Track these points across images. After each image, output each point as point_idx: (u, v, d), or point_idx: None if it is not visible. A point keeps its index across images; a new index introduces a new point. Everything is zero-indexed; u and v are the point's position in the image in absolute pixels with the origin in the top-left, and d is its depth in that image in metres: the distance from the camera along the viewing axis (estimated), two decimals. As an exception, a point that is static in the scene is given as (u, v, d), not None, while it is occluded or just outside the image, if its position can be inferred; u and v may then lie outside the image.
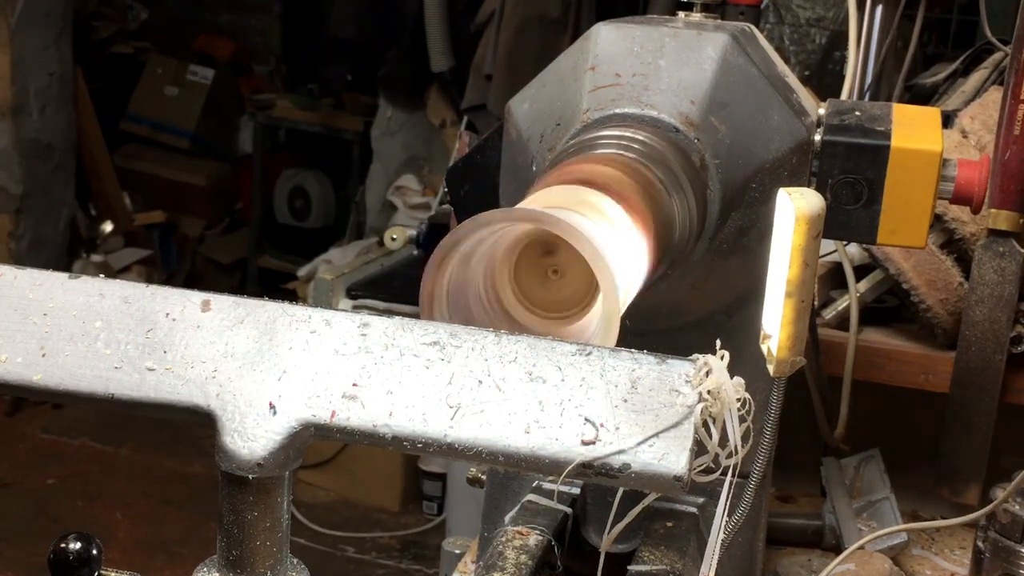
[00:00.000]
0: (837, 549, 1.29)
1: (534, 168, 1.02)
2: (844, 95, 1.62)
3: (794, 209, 0.80)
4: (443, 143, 4.42)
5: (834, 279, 1.55)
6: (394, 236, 4.21)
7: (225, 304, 0.62)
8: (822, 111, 1.05)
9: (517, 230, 0.74)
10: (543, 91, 1.06)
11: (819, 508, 1.39)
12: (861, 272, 1.52)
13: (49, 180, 4.55)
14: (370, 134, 4.82)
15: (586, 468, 0.57)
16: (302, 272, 4.25)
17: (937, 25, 2.55)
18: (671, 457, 0.56)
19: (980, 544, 1.17)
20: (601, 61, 1.01)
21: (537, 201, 0.74)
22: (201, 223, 5.45)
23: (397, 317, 0.61)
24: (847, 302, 1.49)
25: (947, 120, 1.52)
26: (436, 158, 4.55)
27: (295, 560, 0.64)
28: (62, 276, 0.65)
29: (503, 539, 1.03)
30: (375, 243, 4.34)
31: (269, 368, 0.60)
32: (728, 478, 0.62)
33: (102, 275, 0.70)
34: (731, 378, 0.58)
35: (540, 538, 1.03)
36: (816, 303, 1.50)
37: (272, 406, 0.59)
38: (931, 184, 1.02)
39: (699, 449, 0.57)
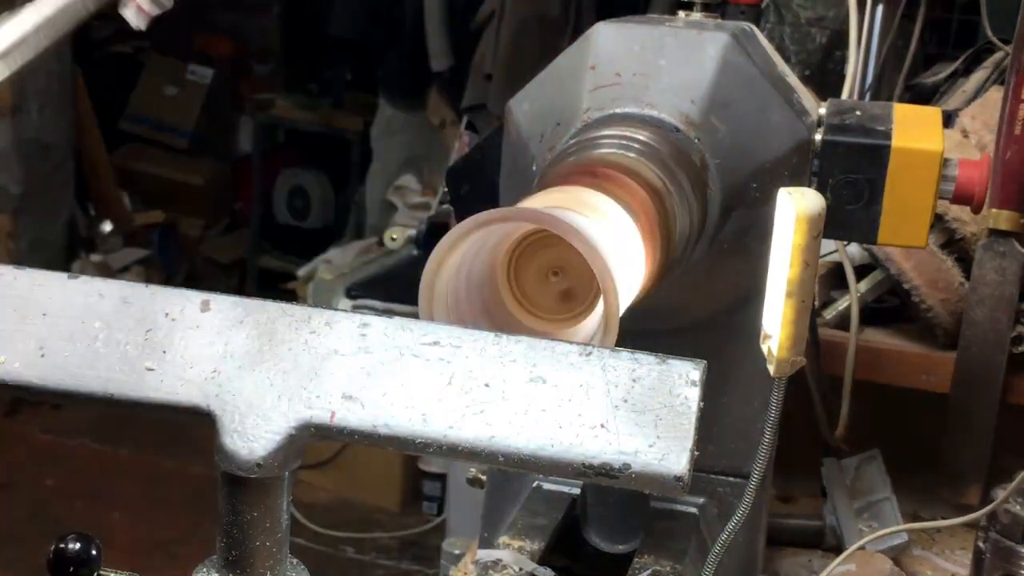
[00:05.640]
0: (837, 549, 1.29)
1: (534, 168, 1.02)
2: (844, 95, 1.62)
3: (794, 209, 0.80)
4: (443, 143, 4.42)
5: (834, 279, 1.55)
6: (394, 236, 4.21)
7: (225, 304, 0.62)
8: (822, 111, 1.05)
9: (517, 230, 0.74)
10: (543, 91, 1.06)
11: (819, 508, 1.39)
12: (861, 272, 1.52)
13: (48, 180, 4.55)
14: (370, 134, 4.81)
15: (586, 468, 0.57)
16: (302, 272, 4.25)
17: (937, 25, 2.54)
18: (671, 457, 0.56)
19: (981, 544, 1.17)
20: (601, 61, 1.01)
21: (537, 201, 0.74)
22: (200, 223, 5.45)
23: (397, 317, 0.61)
24: (847, 302, 1.49)
25: (948, 120, 1.52)
26: (436, 158, 4.55)
27: (295, 560, 0.64)
28: (62, 276, 0.64)
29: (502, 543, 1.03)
30: (375, 243, 4.34)
31: (269, 368, 0.60)
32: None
33: (102, 275, 0.70)
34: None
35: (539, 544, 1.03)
36: (816, 303, 1.50)
37: (272, 406, 0.59)
38: (932, 184, 1.02)
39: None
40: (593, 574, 1.08)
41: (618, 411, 0.57)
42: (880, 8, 2.11)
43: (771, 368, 0.84)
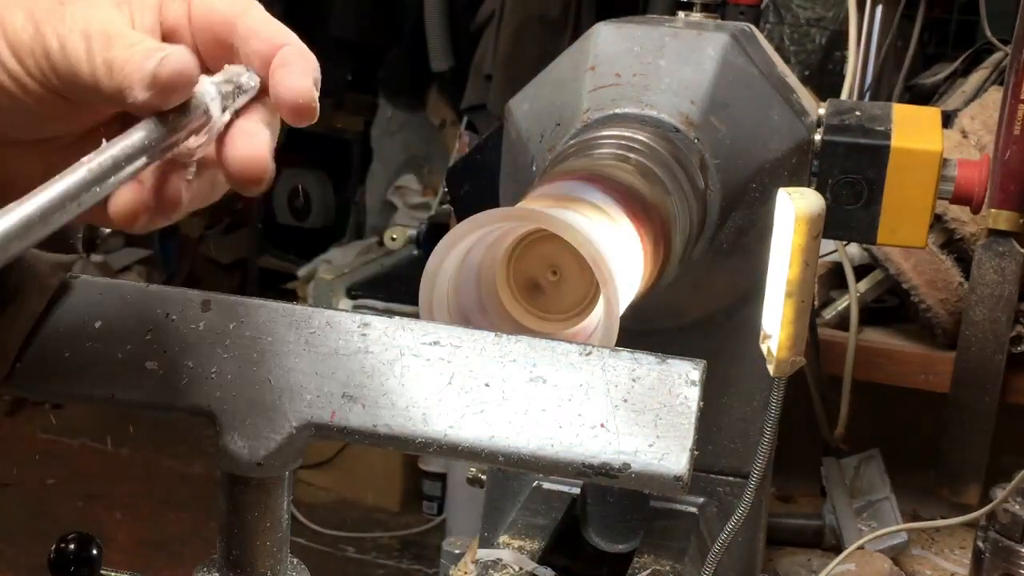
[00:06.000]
0: (837, 549, 1.29)
1: (534, 168, 1.02)
2: (844, 95, 1.62)
3: (794, 209, 0.80)
4: (443, 143, 4.42)
5: (834, 279, 1.55)
6: (394, 236, 4.21)
7: (225, 304, 0.62)
8: (822, 111, 1.05)
9: (517, 230, 0.74)
10: (543, 91, 1.06)
11: (819, 508, 1.39)
12: (861, 272, 1.52)
13: (49, 180, 4.54)
14: (370, 134, 4.81)
15: (586, 468, 0.57)
16: (302, 272, 4.25)
17: (937, 25, 2.54)
18: (671, 457, 0.56)
19: (980, 544, 1.17)
20: (601, 61, 1.01)
21: (537, 201, 0.74)
22: (201, 223, 5.45)
23: (397, 317, 0.61)
24: (847, 302, 1.49)
25: (947, 120, 1.52)
26: (436, 158, 4.55)
27: (295, 560, 0.64)
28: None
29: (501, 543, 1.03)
30: (375, 243, 4.33)
31: (269, 368, 0.60)
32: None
33: (102, 275, 0.70)
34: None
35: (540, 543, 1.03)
36: (816, 303, 1.50)
37: (272, 406, 0.59)
38: (931, 184, 1.02)
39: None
40: (593, 574, 1.08)
41: (618, 411, 0.57)
42: (880, 8, 2.11)
43: (771, 368, 0.84)
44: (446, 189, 1.99)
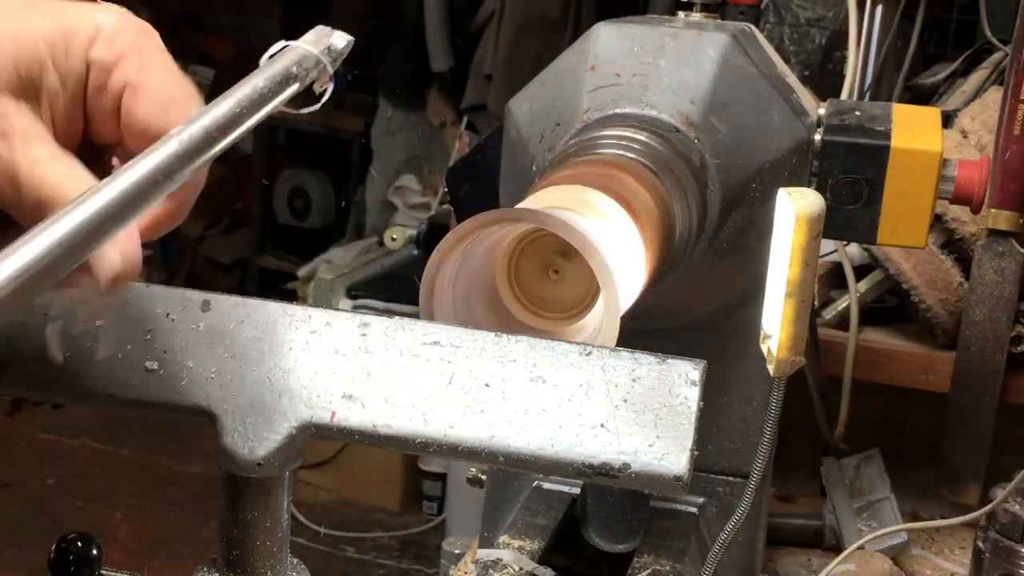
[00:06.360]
0: (837, 549, 1.29)
1: (534, 168, 1.02)
2: (844, 95, 1.62)
3: (794, 209, 0.80)
4: (443, 143, 4.42)
5: (834, 279, 1.55)
6: (394, 236, 4.21)
7: (225, 304, 0.62)
8: (822, 111, 1.05)
9: (517, 230, 0.74)
10: (543, 91, 1.06)
11: (819, 508, 1.39)
12: (861, 272, 1.52)
13: (49, 180, 4.53)
14: (370, 134, 4.81)
15: (586, 468, 0.57)
16: (302, 272, 4.25)
17: (937, 25, 2.54)
18: (671, 457, 0.56)
19: (980, 544, 1.17)
20: (601, 61, 1.01)
21: (537, 201, 0.75)
22: (201, 223, 5.45)
23: (397, 317, 0.61)
24: (847, 302, 1.49)
25: (947, 120, 1.52)
26: (436, 158, 4.55)
27: (295, 560, 0.64)
28: (62, 276, 0.64)
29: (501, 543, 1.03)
30: (375, 243, 4.33)
31: (269, 368, 0.60)
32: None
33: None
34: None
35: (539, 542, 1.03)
36: (816, 303, 1.50)
37: (272, 406, 0.59)
38: (931, 184, 1.02)
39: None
40: (593, 574, 1.08)
41: (618, 411, 0.57)
42: (880, 8, 2.11)
43: (771, 368, 0.84)
44: (446, 189, 1.99)
